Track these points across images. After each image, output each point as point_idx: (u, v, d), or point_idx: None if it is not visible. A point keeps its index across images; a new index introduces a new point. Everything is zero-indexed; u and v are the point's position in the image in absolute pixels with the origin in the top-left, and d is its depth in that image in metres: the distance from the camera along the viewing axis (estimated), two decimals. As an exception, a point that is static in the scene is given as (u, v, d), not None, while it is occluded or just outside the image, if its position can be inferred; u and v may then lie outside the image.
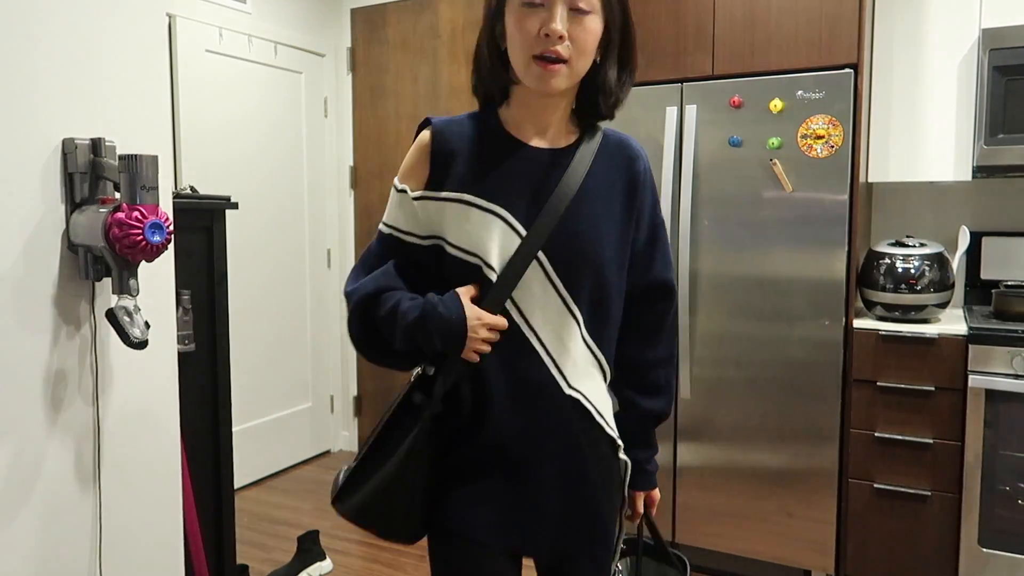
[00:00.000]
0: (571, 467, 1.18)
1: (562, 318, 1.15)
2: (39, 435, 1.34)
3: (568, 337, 1.16)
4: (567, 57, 1.08)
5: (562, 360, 1.16)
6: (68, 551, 1.40)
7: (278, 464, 3.83)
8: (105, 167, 1.35)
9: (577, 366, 1.18)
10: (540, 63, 1.08)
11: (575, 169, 1.16)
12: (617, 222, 1.19)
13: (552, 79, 1.09)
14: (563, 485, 1.18)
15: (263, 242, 3.67)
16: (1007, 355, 2.28)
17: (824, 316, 2.48)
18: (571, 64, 1.10)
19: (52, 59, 1.33)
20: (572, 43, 1.09)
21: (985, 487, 2.33)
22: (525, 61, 1.09)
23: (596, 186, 1.17)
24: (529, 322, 1.14)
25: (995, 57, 2.42)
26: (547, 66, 1.08)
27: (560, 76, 1.10)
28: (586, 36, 1.10)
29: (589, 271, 1.15)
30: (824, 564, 2.54)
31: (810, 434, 2.52)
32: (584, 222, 1.15)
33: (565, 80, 1.11)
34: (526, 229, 1.13)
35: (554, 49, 1.07)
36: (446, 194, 1.15)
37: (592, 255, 1.15)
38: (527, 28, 1.08)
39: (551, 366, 1.16)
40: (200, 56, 3.29)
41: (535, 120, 1.17)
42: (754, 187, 2.54)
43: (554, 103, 1.16)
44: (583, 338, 1.18)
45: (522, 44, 1.09)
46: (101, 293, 1.42)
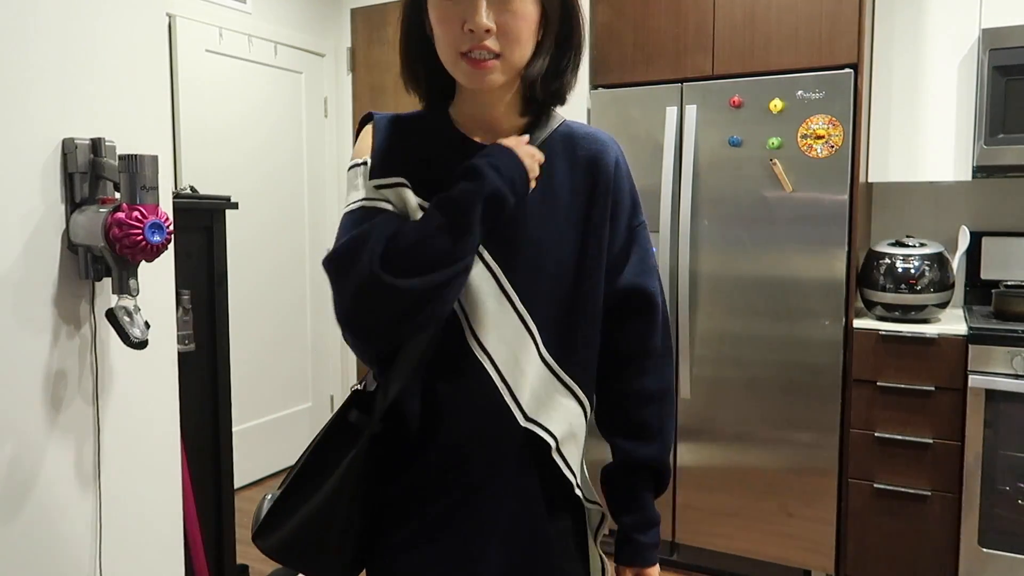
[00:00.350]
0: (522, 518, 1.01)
1: (519, 337, 1.00)
2: (39, 435, 1.34)
3: (525, 359, 1.00)
4: (498, 51, 0.94)
5: (518, 385, 0.99)
6: (68, 551, 1.40)
7: (278, 464, 3.83)
8: (105, 167, 1.35)
9: (538, 394, 1.01)
10: (468, 61, 0.95)
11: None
12: (582, 225, 1.03)
13: (484, 77, 0.96)
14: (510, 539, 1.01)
15: (263, 242, 3.67)
16: (1007, 355, 2.28)
17: (824, 316, 2.48)
18: (505, 58, 0.95)
19: (52, 59, 1.33)
20: (502, 34, 0.94)
21: (985, 487, 2.33)
22: (453, 59, 0.96)
23: (553, 185, 1.03)
24: (481, 341, 0.98)
25: (995, 57, 2.42)
26: (477, 64, 0.95)
27: (493, 73, 0.96)
28: (517, 23, 0.95)
29: (548, 282, 1.01)
30: (824, 564, 2.54)
31: (810, 434, 2.52)
32: (539, 227, 1.01)
33: (501, 75, 0.97)
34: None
35: (482, 45, 0.94)
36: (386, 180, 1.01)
37: (550, 264, 1.01)
38: (449, 23, 0.95)
39: (504, 392, 0.99)
40: (200, 56, 3.29)
41: (479, 114, 1.04)
42: (754, 187, 2.54)
43: (496, 97, 1.02)
44: (543, 359, 1.01)
45: (447, 41, 0.96)
46: (101, 293, 1.42)
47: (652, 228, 2.67)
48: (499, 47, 0.94)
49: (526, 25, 0.96)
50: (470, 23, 0.93)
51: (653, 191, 2.65)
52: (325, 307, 4.08)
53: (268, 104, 3.66)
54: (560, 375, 1.03)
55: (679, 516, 2.73)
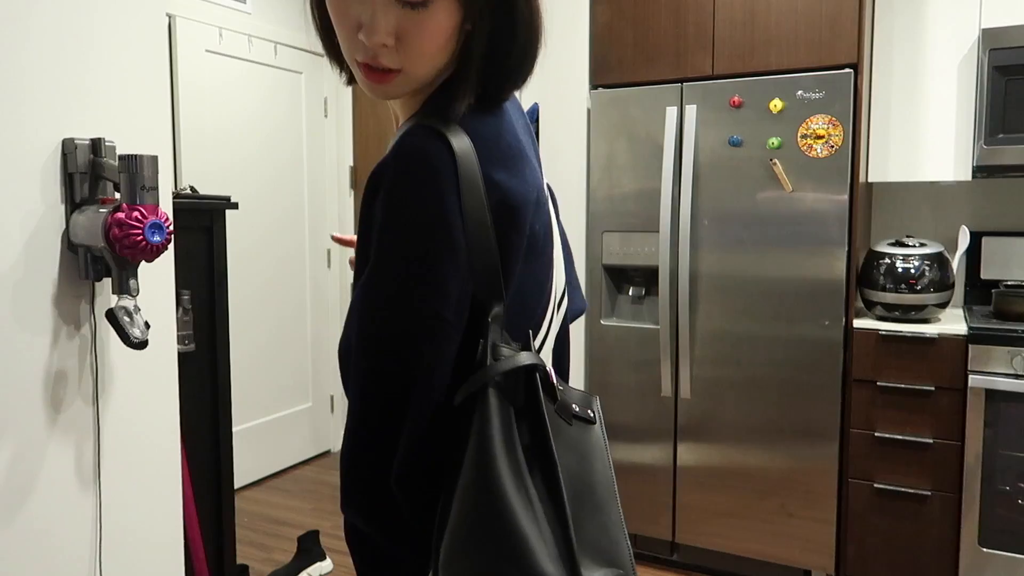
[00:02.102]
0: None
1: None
2: (39, 435, 1.34)
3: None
4: (397, 67, 0.78)
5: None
6: (68, 551, 1.40)
7: (278, 464, 3.83)
8: (105, 167, 1.35)
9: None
10: (364, 69, 0.79)
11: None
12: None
13: (383, 91, 0.81)
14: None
15: (263, 242, 3.67)
16: (1007, 355, 2.28)
17: (824, 316, 2.48)
18: (405, 72, 0.79)
19: (52, 59, 1.33)
20: (404, 47, 0.77)
21: (985, 487, 2.33)
22: (349, 61, 0.82)
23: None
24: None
25: (995, 57, 2.42)
26: (372, 74, 0.79)
27: (393, 86, 0.80)
28: (422, 38, 0.77)
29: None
30: (824, 564, 2.54)
31: (810, 434, 2.52)
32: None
33: (402, 88, 0.81)
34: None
35: (376, 61, 0.77)
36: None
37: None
38: (344, 24, 0.79)
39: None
40: (200, 56, 3.29)
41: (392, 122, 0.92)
42: (754, 187, 2.54)
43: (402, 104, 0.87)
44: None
45: (343, 42, 0.81)
46: (101, 293, 1.42)
47: (652, 228, 2.68)
48: (398, 63, 0.78)
49: (433, 40, 0.78)
50: (363, 33, 0.76)
51: (653, 191, 2.65)
52: (325, 307, 4.08)
53: (268, 104, 3.66)
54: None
55: (679, 516, 2.73)
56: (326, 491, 3.60)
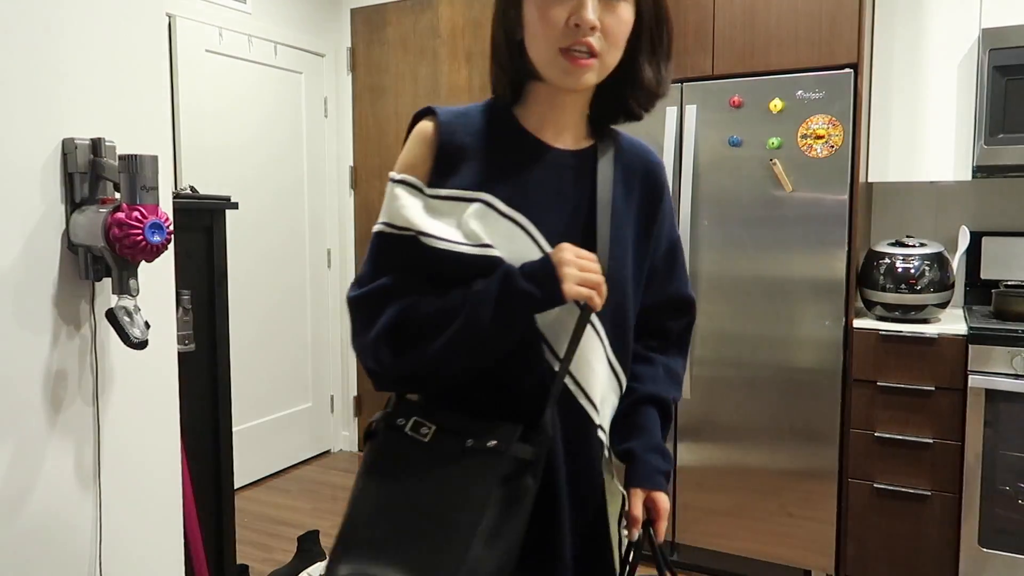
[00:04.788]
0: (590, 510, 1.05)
1: (590, 342, 1.02)
2: (39, 435, 1.34)
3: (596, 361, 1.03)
4: (599, 51, 0.95)
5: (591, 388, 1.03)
6: (68, 551, 1.40)
7: (278, 464, 3.83)
8: (105, 167, 1.35)
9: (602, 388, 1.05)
10: (568, 57, 0.94)
11: (604, 178, 1.04)
12: (635, 236, 1.07)
13: (582, 75, 0.96)
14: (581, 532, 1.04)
15: (263, 242, 3.67)
16: (1007, 355, 2.28)
17: (824, 316, 2.48)
18: (602, 58, 0.96)
19: (52, 59, 1.33)
20: (603, 34, 0.95)
21: (985, 487, 2.33)
22: (550, 55, 0.95)
23: (617, 197, 1.05)
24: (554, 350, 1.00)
25: (995, 57, 2.42)
26: (577, 61, 0.94)
27: (591, 71, 0.96)
28: (619, 26, 0.96)
29: (614, 290, 1.01)
30: (824, 564, 2.54)
31: (810, 434, 2.52)
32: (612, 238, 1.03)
33: (595, 76, 0.98)
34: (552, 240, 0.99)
35: (585, 41, 0.93)
36: (460, 192, 0.99)
37: (617, 275, 1.02)
38: (553, 17, 0.94)
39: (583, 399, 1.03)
40: (200, 56, 3.29)
41: (554, 119, 1.05)
42: (754, 187, 2.54)
43: (575, 100, 1.04)
44: (608, 360, 1.06)
45: (546, 35, 0.95)
46: (101, 293, 1.42)
47: (652, 228, 2.67)
48: (599, 47, 0.95)
49: (626, 29, 0.98)
50: (576, 17, 0.93)
51: (653, 191, 2.65)
52: (325, 307, 4.08)
53: (268, 104, 3.66)
54: (618, 372, 1.08)
55: (679, 516, 2.73)
56: (326, 491, 3.60)
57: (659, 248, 1.12)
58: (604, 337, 1.04)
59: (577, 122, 1.06)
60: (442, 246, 0.97)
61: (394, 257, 1.00)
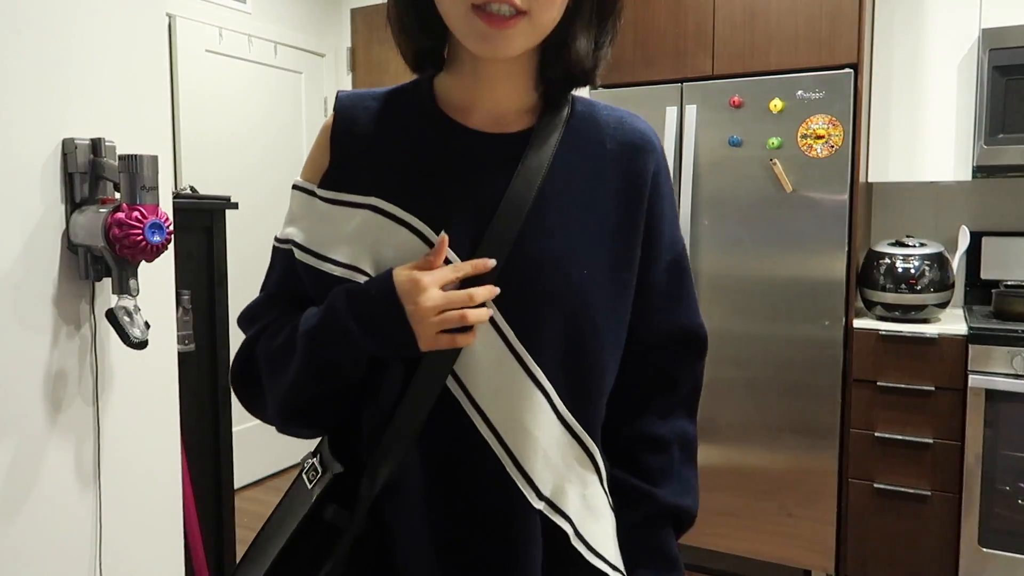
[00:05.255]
0: None
1: (522, 389, 0.77)
2: (39, 435, 1.34)
3: (532, 418, 0.77)
4: (524, 7, 0.72)
5: (525, 454, 0.77)
6: (68, 551, 1.40)
7: (278, 464, 3.83)
8: (105, 167, 1.35)
9: (551, 462, 0.79)
10: (485, 17, 0.71)
11: (534, 162, 0.78)
12: (608, 242, 0.80)
13: (503, 41, 0.73)
14: None
15: (263, 242, 3.66)
16: (1007, 355, 2.28)
17: (824, 316, 2.48)
18: (532, 17, 0.73)
19: (52, 59, 1.33)
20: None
21: (985, 487, 2.33)
22: (461, 14, 0.73)
23: (570, 187, 0.80)
24: (472, 397, 0.77)
25: (995, 57, 2.42)
26: (494, 21, 0.71)
27: (515, 35, 0.73)
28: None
29: (559, 316, 0.77)
30: (824, 564, 2.54)
31: (810, 434, 2.52)
32: (550, 243, 0.77)
33: (523, 40, 0.74)
34: (461, 254, 0.76)
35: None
36: (350, 197, 0.80)
37: (563, 292, 0.77)
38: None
39: (509, 465, 0.77)
40: (200, 56, 3.29)
41: (481, 95, 0.81)
42: (754, 187, 2.53)
43: (507, 71, 0.80)
44: (559, 417, 0.79)
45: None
46: (101, 293, 1.42)
47: (652, 228, 2.67)
48: (524, 2, 0.72)
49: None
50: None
51: (653, 191, 2.65)
52: (325, 307, 4.07)
53: (268, 104, 3.66)
54: (579, 434, 0.81)
55: (679, 516, 2.73)
56: (326, 491, 3.60)
57: (656, 258, 0.85)
58: (549, 385, 0.77)
59: (519, 97, 0.82)
60: (309, 262, 0.80)
61: (274, 271, 0.90)
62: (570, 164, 0.81)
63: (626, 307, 0.83)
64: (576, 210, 0.80)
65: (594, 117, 0.85)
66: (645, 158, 0.84)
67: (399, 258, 0.76)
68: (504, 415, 0.77)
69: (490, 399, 0.77)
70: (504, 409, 0.77)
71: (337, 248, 0.79)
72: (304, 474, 0.84)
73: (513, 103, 0.82)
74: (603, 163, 0.82)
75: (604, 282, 0.80)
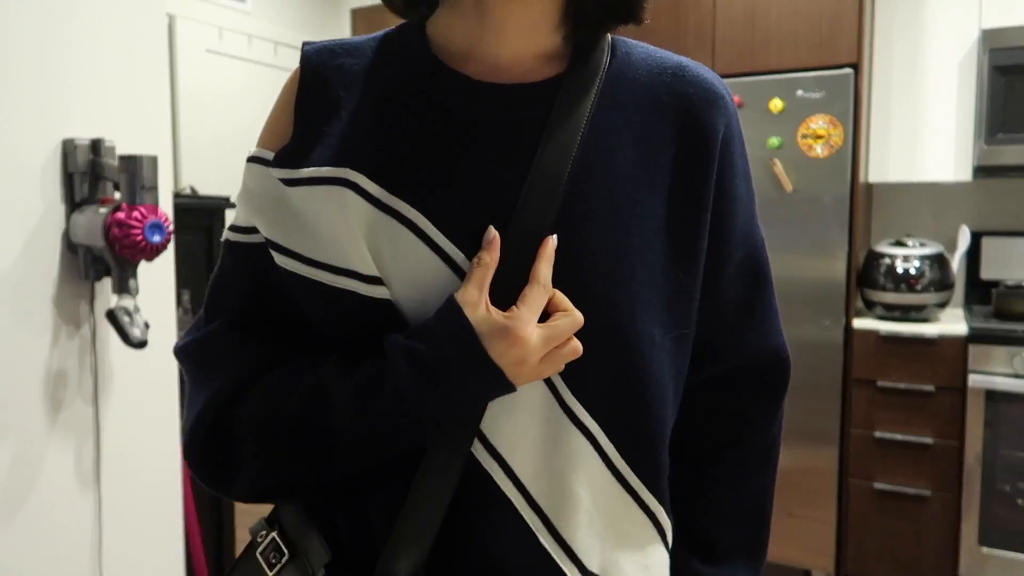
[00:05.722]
0: None
1: (558, 432, 0.58)
2: (39, 435, 1.34)
3: (573, 471, 0.58)
4: None
5: (565, 519, 0.58)
6: (68, 551, 1.40)
7: (278, 464, 3.83)
8: (105, 167, 1.35)
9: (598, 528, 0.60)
10: None
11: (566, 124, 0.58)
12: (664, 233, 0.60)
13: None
14: None
15: (263, 242, 3.67)
16: (1007, 355, 2.28)
17: (824, 316, 2.48)
18: None
19: (52, 59, 1.33)
20: None
21: (985, 487, 2.33)
22: None
23: (614, 159, 0.59)
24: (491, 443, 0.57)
25: (995, 57, 2.42)
26: None
27: None
28: None
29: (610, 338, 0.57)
30: (824, 564, 2.54)
31: (810, 434, 2.52)
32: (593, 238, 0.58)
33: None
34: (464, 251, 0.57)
35: None
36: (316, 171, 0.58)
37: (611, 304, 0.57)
38: None
39: (543, 533, 0.58)
40: (200, 56, 3.29)
41: (487, 36, 0.60)
42: (754, 187, 2.53)
43: (523, 3, 0.60)
44: (610, 468, 0.60)
45: None
46: (101, 293, 1.42)
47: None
48: None
49: None
50: None
51: (653, 191, 2.65)
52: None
53: (268, 104, 3.64)
54: (640, 495, 0.62)
55: (679, 516, 2.73)
56: (326, 491, 3.59)
57: (726, 255, 0.64)
58: (595, 427, 0.58)
59: (540, 39, 0.61)
60: (296, 270, 0.59)
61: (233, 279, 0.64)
62: (611, 127, 0.60)
63: (689, 319, 0.62)
64: (623, 191, 0.59)
65: (643, 63, 0.63)
66: (713, 116, 0.63)
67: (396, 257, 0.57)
68: (535, 468, 0.58)
69: (513, 445, 0.57)
70: (534, 459, 0.57)
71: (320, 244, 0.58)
72: (259, 554, 0.65)
73: (530, 47, 0.61)
74: (656, 124, 0.61)
75: (662, 287, 0.59)
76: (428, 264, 0.57)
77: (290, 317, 0.61)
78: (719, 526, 0.69)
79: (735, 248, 0.65)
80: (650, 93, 0.62)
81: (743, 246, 0.66)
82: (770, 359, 0.69)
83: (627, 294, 0.58)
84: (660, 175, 0.60)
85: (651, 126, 0.61)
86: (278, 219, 0.60)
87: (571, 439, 0.58)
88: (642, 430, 0.61)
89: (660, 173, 0.60)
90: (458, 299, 0.54)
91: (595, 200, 0.58)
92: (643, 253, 0.59)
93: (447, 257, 0.57)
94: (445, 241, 0.57)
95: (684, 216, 0.61)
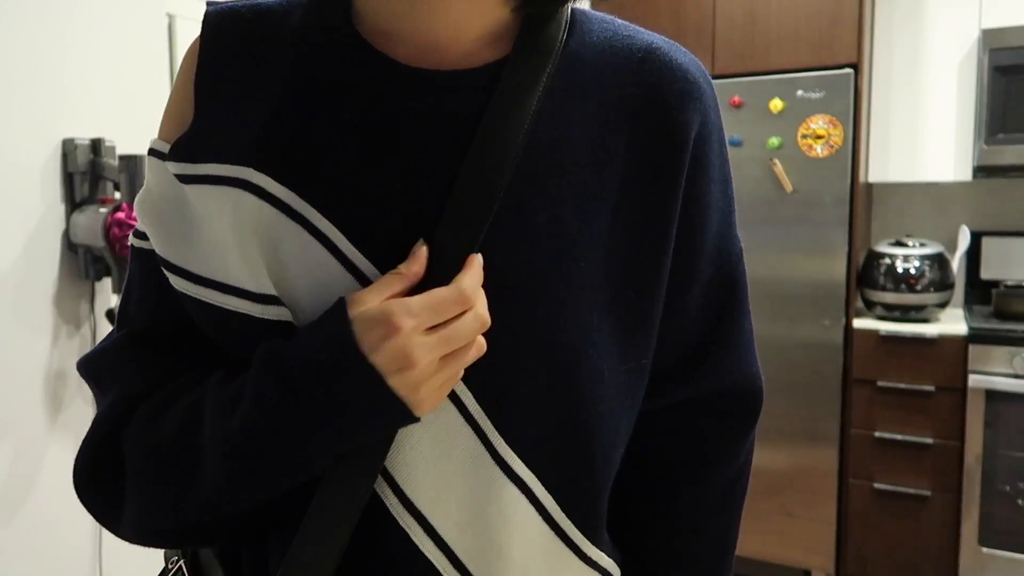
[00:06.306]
0: None
1: (487, 483, 0.50)
2: (39, 435, 1.34)
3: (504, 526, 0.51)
4: None
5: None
6: (68, 551, 1.40)
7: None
8: (105, 167, 1.35)
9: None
10: None
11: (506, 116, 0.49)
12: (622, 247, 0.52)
13: None
14: None
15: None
16: (1007, 355, 2.28)
17: (824, 316, 2.48)
18: None
19: (52, 59, 1.33)
20: None
21: (985, 487, 2.33)
22: None
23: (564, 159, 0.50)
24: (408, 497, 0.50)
25: (995, 57, 2.42)
26: None
27: None
28: None
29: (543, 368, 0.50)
30: (824, 564, 2.54)
31: (810, 434, 2.52)
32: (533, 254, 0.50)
33: None
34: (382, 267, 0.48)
35: None
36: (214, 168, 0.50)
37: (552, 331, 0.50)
38: None
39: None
40: (200, 56, 3.29)
41: (419, 11, 0.50)
42: (754, 187, 2.53)
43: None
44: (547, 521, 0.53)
45: None
46: (101, 293, 1.42)
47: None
48: None
49: None
50: None
51: (653, 191, 2.65)
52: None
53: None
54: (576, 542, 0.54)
55: (679, 516, 2.73)
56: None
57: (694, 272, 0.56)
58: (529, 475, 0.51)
59: (481, 15, 0.51)
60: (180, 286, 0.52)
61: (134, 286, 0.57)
62: (562, 124, 0.51)
63: (647, 347, 0.55)
64: (573, 202, 0.50)
65: (606, 44, 0.53)
66: (687, 112, 0.53)
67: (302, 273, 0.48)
68: (460, 524, 0.50)
69: (435, 500, 0.50)
70: (460, 515, 0.50)
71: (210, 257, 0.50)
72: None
73: (472, 24, 0.51)
74: (617, 122, 0.52)
75: (615, 314, 0.52)
76: (339, 283, 0.48)
77: (198, 329, 0.54)
78: (676, 570, 0.62)
79: (705, 264, 0.56)
80: (612, 82, 0.52)
81: (714, 261, 0.57)
82: (740, 390, 0.63)
83: (571, 324, 0.49)
84: (618, 182, 0.51)
85: (611, 124, 0.51)
86: (171, 228, 0.52)
87: (503, 492, 0.50)
88: (585, 480, 0.53)
89: (618, 180, 0.51)
90: (348, 298, 0.46)
91: (538, 213, 0.49)
92: (593, 276, 0.50)
93: (360, 275, 0.48)
94: (359, 257, 0.48)
95: (644, 231, 0.52)
